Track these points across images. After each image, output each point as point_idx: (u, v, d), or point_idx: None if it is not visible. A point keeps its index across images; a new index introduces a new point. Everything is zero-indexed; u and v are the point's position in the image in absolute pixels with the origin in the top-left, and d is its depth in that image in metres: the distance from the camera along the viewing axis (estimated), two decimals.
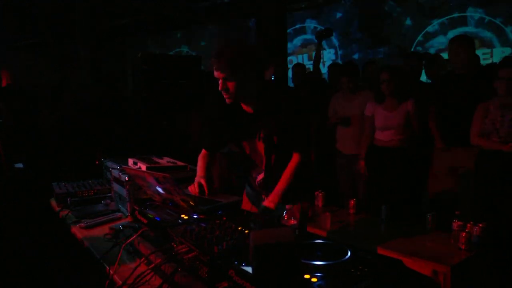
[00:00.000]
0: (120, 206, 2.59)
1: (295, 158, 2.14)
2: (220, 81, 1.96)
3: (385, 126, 3.75)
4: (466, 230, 2.29)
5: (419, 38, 6.93)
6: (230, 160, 3.66)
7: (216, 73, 1.95)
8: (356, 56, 7.75)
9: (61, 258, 2.71)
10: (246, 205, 2.38)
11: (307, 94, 4.78)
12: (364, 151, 3.90)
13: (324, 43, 7.54)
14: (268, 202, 2.10)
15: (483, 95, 3.27)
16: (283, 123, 2.09)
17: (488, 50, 6.24)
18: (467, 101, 3.38)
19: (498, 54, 6.12)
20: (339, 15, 7.99)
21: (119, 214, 2.50)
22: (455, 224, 2.42)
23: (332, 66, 5.27)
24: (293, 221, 2.11)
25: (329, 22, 8.10)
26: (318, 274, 1.24)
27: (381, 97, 3.75)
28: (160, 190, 1.98)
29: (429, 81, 4.48)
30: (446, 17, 6.71)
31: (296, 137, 2.13)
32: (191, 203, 1.88)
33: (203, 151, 2.37)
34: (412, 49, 6.86)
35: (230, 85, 1.95)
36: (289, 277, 1.13)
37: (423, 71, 4.35)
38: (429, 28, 6.85)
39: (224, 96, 2.00)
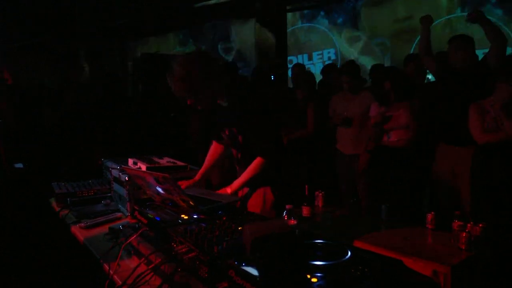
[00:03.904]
0: (120, 206, 2.59)
1: (258, 160, 2.29)
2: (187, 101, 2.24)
3: (385, 127, 3.76)
4: (466, 230, 2.29)
5: None
6: (231, 162, 3.67)
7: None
8: (356, 56, 7.76)
9: (61, 258, 2.71)
10: None
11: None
12: (371, 147, 3.91)
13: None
14: (228, 188, 2.32)
15: (483, 94, 3.27)
16: (246, 125, 2.28)
17: None
18: (467, 100, 3.38)
19: None
20: (341, 16, 8.00)
21: (119, 214, 2.50)
22: (455, 224, 2.41)
23: (328, 67, 5.28)
24: (293, 221, 2.11)
25: (331, 22, 8.11)
26: (318, 274, 1.24)
27: (386, 100, 3.78)
28: (160, 190, 1.98)
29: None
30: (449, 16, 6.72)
31: (257, 141, 2.29)
32: (191, 203, 1.88)
33: (212, 145, 2.67)
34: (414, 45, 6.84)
35: (194, 101, 2.24)
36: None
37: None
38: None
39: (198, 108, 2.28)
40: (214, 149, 2.70)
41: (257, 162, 2.33)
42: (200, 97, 2.22)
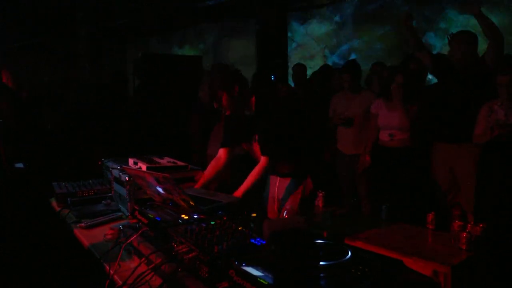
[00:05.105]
0: (120, 206, 2.59)
1: (262, 161, 2.46)
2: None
3: (386, 125, 3.76)
4: (467, 230, 2.29)
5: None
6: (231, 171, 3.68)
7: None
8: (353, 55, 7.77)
9: (61, 258, 2.71)
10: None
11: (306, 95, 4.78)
12: (370, 148, 3.91)
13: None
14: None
15: (483, 94, 3.27)
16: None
17: None
18: (467, 99, 3.38)
19: None
20: (339, 17, 8.00)
21: (119, 214, 2.50)
22: (455, 224, 2.42)
23: (324, 68, 5.29)
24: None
25: (331, 23, 8.11)
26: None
27: (388, 95, 3.77)
28: (160, 190, 1.98)
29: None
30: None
31: (264, 141, 2.48)
32: (191, 203, 1.88)
33: (218, 153, 2.68)
34: None
35: (221, 105, 2.46)
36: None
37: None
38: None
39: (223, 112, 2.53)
40: (216, 162, 2.68)
41: (259, 165, 2.46)
42: (226, 105, 2.47)
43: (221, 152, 2.68)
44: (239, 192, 2.42)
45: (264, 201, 2.72)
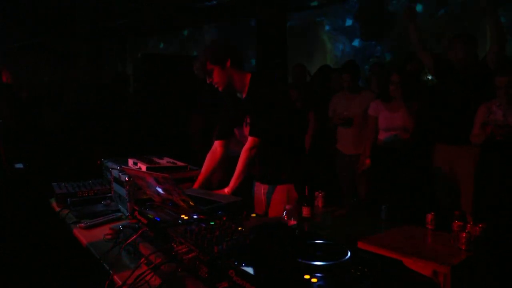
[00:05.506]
0: (120, 206, 2.59)
1: (249, 141, 2.38)
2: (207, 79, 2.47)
3: (387, 126, 3.76)
4: (466, 231, 2.29)
5: None
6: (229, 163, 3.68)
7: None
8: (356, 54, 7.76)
9: (61, 258, 2.71)
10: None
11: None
12: (369, 150, 3.91)
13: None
14: (226, 188, 2.36)
15: (484, 94, 3.27)
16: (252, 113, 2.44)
17: None
18: (467, 100, 3.38)
19: None
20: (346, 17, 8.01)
21: (119, 214, 2.50)
22: (455, 224, 2.42)
23: (323, 68, 5.29)
24: (293, 221, 2.12)
25: (334, 22, 8.11)
26: (318, 274, 1.24)
27: (387, 96, 3.77)
28: (160, 190, 1.98)
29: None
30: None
31: (254, 121, 2.41)
32: (190, 203, 1.88)
33: (213, 146, 2.64)
34: None
35: (212, 79, 2.42)
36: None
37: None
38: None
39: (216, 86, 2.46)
40: (212, 155, 2.64)
41: (246, 146, 2.38)
42: (218, 80, 2.41)
43: (217, 144, 2.64)
44: (231, 185, 2.38)
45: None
